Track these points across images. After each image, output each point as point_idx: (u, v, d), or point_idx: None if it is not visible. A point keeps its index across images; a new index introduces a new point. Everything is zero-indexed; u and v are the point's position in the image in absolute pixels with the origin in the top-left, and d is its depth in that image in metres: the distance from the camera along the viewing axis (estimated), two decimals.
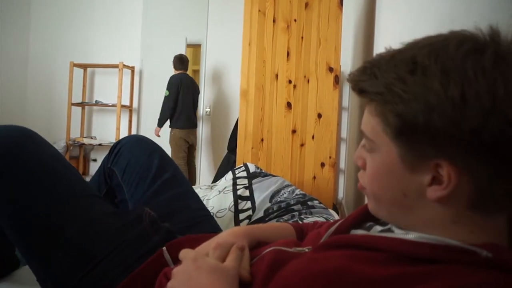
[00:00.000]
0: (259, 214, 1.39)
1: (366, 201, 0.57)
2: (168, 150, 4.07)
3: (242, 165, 1.77)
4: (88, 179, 1.00)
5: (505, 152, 0.40)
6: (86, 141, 4.84)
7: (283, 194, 1.50)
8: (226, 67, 4.57)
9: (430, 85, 0.41)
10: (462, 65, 0.40)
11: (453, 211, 0.45)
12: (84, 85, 4.99)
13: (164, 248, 0.74)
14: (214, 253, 0.58)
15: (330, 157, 2.09)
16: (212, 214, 1.12)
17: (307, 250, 0.58)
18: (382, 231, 0.53)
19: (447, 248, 0.43)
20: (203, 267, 0.51)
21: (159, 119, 4.04)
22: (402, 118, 0.43)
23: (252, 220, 1.36)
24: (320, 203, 1.50)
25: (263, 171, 1.69)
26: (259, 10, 2.12)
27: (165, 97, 3.97)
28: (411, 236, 0.47)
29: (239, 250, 0.58)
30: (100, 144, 4.83)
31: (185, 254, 0.57)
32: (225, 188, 1.56)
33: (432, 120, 0.41)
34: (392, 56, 0.47)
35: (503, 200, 0.43)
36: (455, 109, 0.40)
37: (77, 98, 4.89)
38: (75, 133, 4.93)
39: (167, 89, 3.98)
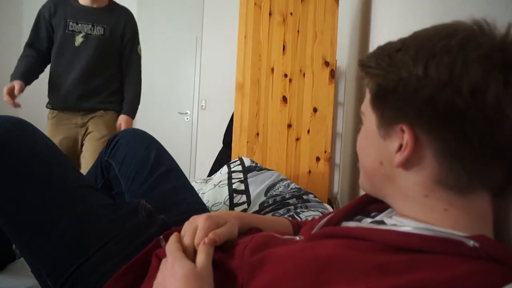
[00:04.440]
0: (254, 208, 1.39)
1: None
2: (164, 143, 4.03)
3: (237, 159, 1.77)
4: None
5: (454, 124, 0.44)
6: None
7: (278, 188, 1.50)
8: (222, 60, 4.55)
9: (406, 60, 0.47)
10: (434, 45, 0.46)
11: (421, 181, 0.48)
12: None
13: (161, 236, 0.74)
14: (205, 223, 0.61)
15: (325, 152, 2.10)
16: (207, 207, 1.12)
17: (298, 238, 0.59)
18: (372, 222, 0.55)
19: (436, 239, 0.44)
20: (177, 273, 0.53)
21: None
22: (379, 87, 0.50)
23: None
24: (315, 197, 1.51)
25: (258, 165, 1.69)
26: (255, 3, 2.11)
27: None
28: (402, 228, 0.48)
29: (211, 245, 0.58)
30: None
31: (169, 250, 0.59)
32: (220, 182, 1.56)
33: (398, 88, 0.47)
34: (394, 40, 0.52)
35: (465, 178, 0.45)
36: (418, 80, 0.45)
37: None
38: None
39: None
